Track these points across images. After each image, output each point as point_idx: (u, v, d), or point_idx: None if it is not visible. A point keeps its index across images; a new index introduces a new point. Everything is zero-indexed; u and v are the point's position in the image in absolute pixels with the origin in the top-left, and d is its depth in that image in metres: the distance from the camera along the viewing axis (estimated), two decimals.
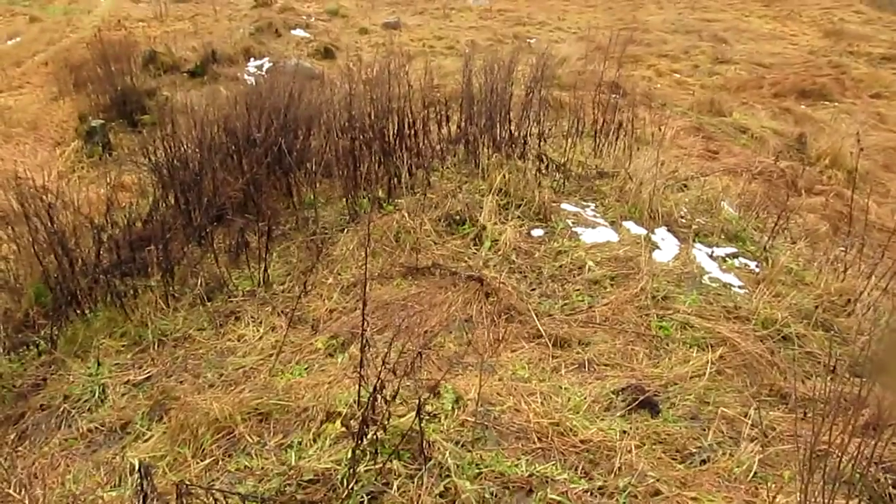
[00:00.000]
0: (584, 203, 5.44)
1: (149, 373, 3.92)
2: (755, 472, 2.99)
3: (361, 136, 5.57)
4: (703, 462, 3.06)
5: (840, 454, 2.59)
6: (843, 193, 7.47)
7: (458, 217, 5.09)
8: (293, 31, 15.05)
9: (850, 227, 5.77)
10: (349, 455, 2.81)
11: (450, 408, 3.24)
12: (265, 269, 4.64)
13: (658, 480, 2.87)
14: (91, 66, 10.30)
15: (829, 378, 3.49)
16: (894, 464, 3.12)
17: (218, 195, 5.13)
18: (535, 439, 3.10)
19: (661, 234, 5.05)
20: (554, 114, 7.34)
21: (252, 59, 12.81)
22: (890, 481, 3.00)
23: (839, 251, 5.34)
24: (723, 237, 5.21)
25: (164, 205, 5.32)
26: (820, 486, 2.45)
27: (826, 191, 7.71)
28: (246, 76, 11.72)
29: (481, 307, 4.19)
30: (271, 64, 12.38)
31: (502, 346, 3.87)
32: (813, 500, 2.47)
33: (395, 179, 5.50)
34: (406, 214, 5.04)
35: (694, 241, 5.01)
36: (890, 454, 3.17)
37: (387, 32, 15.49)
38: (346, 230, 5.11)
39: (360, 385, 3.07)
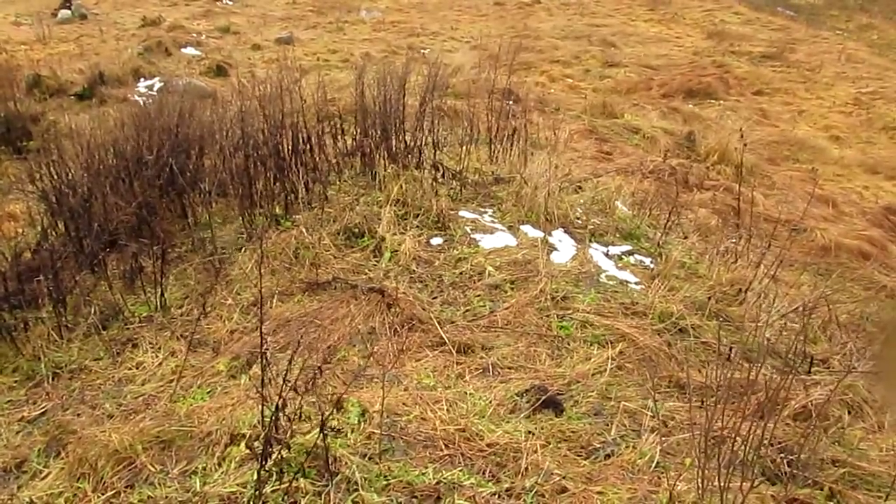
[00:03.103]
0: (482, 209, 5.48)
1: (44, 408, 3.77)
2: (657, 462, 3.07)
3: (255, 153, 5.49)
4: (608, 456, 3.13)
5: (733, 437, 2.68)
6: (731, 187, 7.73)
7: (356, 230, 5.05)
8: (184, 50, 14.70)
9: (739, 220, 5.99)
10: (255, 477, 2.77)
11: (356, 421, 3.22)
12: (162, 294, 4.52)
13: (564, 478, 2.92)
14: None
15: (722, 365, 3.60)
16: (789, 443, 3.25)
17: (109, 220, 4.97)
18: (442, 446, 3.11)
19: (558, 236, 5.12)
20: (449, 122, 7.39)
21: (142, 80, 12.45)
22: (786, 460, 3.13)
23: (729, 243, 5.54)
24: (618, 236, 5.34)
25: (53, 233, 5.14)
26: (716, 470, 2.52)
27: (715, 186, 7.96)
28: (136, 97, 11.39)
29: (383, 318, 4.18)
30: (162, 84, 12.07)
31: (406, 356, 3.87)
32: (710, 484, 2.55)
33: (292, 195, 5.44)
34: (304, 230, 4.99)
35: (590, 241, 5.11)
36: (784, 434, 3.31)
37: (280, 48, 15.29)
38: (243, 249, 5.02)
39: (262, 405, 3.03)
